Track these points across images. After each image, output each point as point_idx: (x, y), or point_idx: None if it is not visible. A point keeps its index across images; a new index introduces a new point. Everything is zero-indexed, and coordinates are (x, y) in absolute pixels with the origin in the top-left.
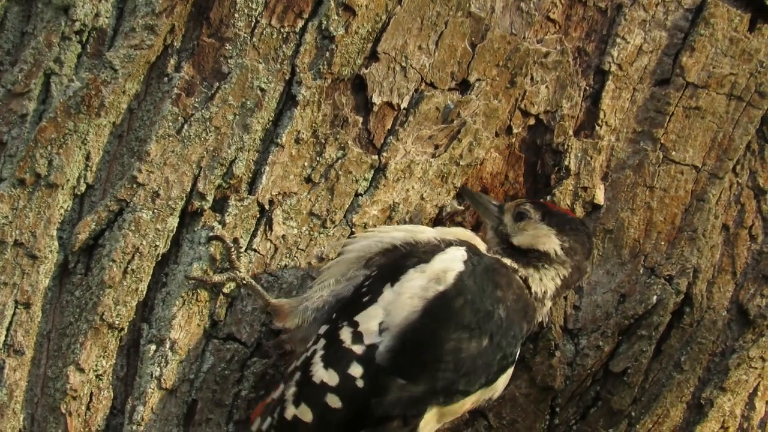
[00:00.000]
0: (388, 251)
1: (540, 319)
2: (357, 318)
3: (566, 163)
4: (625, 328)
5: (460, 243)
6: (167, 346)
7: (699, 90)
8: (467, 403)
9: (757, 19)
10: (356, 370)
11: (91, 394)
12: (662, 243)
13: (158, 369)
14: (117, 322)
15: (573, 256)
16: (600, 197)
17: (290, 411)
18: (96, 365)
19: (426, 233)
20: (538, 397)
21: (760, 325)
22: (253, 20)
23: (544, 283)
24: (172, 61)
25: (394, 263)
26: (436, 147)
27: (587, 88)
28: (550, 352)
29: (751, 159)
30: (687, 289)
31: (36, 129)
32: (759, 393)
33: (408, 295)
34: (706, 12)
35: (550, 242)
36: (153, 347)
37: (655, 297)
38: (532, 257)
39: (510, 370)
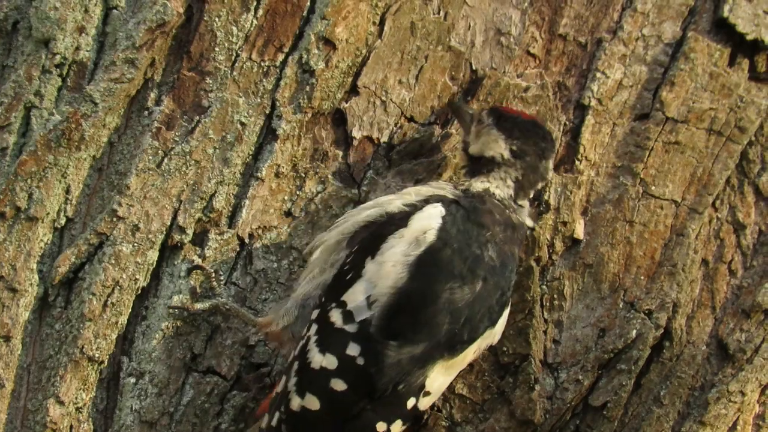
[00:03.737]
0: (364, 228)
1: (529, 225)
2: (344, 297)
3: (546, 197)
4: (605, 362)
5: (435, 199)
6: (147, 379)
7: (679, 125)
8: (471, 352)
9: (737, 54)
10: (353, 349)
11: (71, 427)
12: (642, 277)
13: (138, 402)
14: (97, 355)
15: (523, 158)
16: (580, 232)
17: (296, 402)
18: (76, 398)
19: (393, 203)
20: (517, 430)
21: (739, 359)
22: (234, 54)
23: (497, 187)
24: (152, 95)
25: (372, 236)
26: (417, 181)
27: (567, 122)
28: (529, 386)
29: (731, 194)
30: (666, 323)
31: (16, 162)
32: (738, 427)
33: (391, 263)
34: (686, 47)
35: (497, 147)
36: (133, 380)
37: (634, 331)
38: (484, 165)
39: (507, 309)
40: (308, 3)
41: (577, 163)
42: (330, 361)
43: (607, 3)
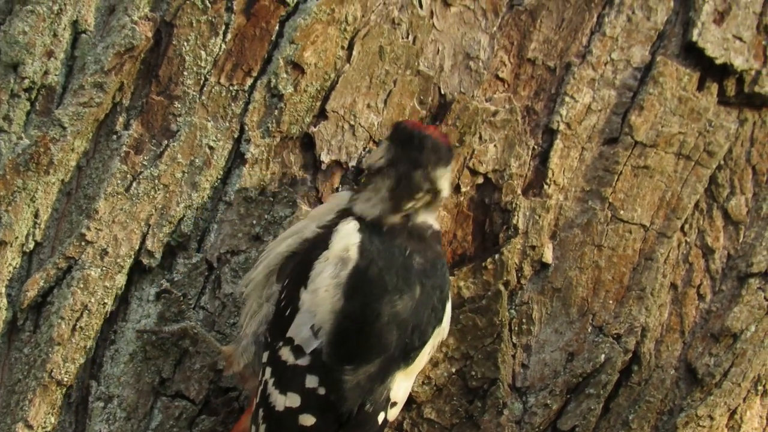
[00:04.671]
0: (288, 258)
1: (432, 225)
2: (289, 334)
3: (514, 221)
4: (574, 386)
5: (344, 214)
6: (115, 403)
7: (647, 149)
8: (425, 354)
9: (706, 78)
10: (312, 381)
11: None
12: (610, 302)
13: (106, 426)
14: (65, 379)
15: (396, 166)
16: (548, 256)
17: None
18: (44, 422)
19: (308, 227)
20: None
21: (708, 383)
22: (202, 78)
23: (373, 205)
24: (121, 119)
25: (300, 265)
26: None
27: (536, 146)
28: (498, 410)
29: (700, 218)
30: (635, 347)
31: None
32: None
33: (323, 289)
34: (654, 71)
35: (376, 155)
36: (101, 404)
37: (603, 355)
38: (369, 176)
39: (449, 303)
40: (277, 27)
41: (545, 187)
42: (293, 400)
43: (576, 27)
